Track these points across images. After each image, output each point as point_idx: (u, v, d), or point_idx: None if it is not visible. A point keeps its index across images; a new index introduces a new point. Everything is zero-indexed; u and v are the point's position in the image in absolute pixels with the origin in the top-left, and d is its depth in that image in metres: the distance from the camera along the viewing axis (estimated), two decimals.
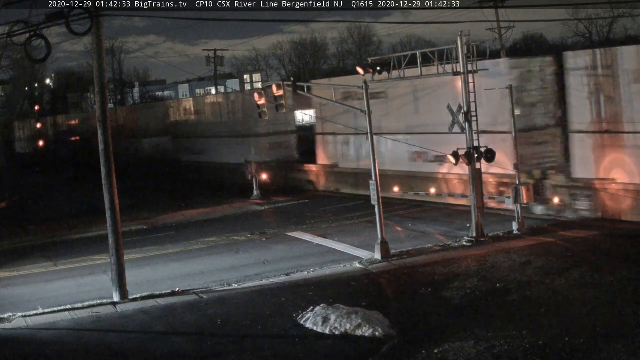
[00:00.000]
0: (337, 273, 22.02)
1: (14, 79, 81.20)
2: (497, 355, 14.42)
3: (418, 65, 25.74)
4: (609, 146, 26.21)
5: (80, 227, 33.19)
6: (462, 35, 24.19)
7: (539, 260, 21.13)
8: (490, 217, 26.53)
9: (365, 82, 24.19)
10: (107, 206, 20.61)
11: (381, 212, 23.46)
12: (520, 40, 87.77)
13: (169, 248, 27.80)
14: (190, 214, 35.20)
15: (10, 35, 19.11)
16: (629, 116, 25.46)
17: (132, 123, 64.10)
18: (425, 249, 24.14)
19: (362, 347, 15.55)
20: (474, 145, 24.40)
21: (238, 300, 19.59)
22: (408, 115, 33.62)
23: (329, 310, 17.23)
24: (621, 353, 13.99)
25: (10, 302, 21.00)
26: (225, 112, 48.62)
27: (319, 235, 27.98)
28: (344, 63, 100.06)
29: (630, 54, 25.90)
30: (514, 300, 17.96)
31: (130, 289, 20.68)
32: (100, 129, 20.48)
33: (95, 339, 17.34)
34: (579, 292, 18.05)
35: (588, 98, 26.74)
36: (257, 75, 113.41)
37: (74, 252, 28.21)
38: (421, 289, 19.55)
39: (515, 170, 25.71)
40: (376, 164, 23.71)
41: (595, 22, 76.86)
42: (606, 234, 24.00)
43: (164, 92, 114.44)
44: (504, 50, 52.79)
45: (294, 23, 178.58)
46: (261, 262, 24.40)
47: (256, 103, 27.45)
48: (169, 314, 18.82)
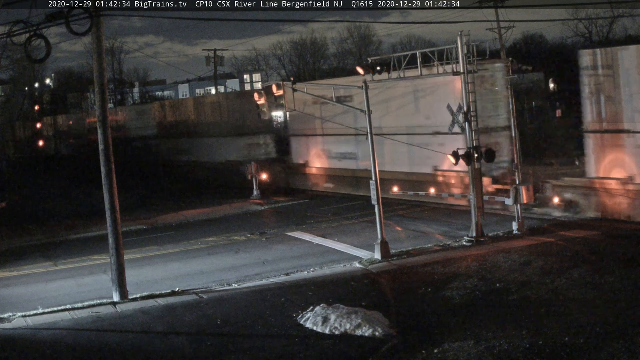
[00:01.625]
0: (337, 273, 22.02)
1: (14, 79, 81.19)
2: (497, 355, 14.42)
3: (418, 65, 25.76)
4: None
5: (80, 227, 33.20)
6: (462, 35, 24.20)
7: (539, 260, 21.12)
8: (490, 217, 26.55)
9: (365, 82, 24.20)
10: (107, 206, 20.61)
11: (381, 212, 23.47)
12: (520, 40, 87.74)
13: (169, 248, 27.81)
14: (190, 214, 35.21)
15: (10, 35, 19.08)
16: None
17: (130, 123, 65.11)
18: (425, 249, 24.15)
19: (362, 347, 15.55)
20: (474, 145, 24.41)
21: (238, 300, 19.59)
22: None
23: (329, 310, 17.24)
24: (621, 353, 13.99)
25: (10, 302, 21.00)
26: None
27: (319, 235, 27.99)
28: (344, 63, 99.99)
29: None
30: (514, 300, 17.95)
31: (130, 289, 20.68)
32: (100, 129, 20.48)
33: (95, 339, 17.34)
34: (579, 292, 18.05)
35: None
36: (257, 75, 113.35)
37: (74, 252, 28.22)
38: (421, 288, 19.55)
39: (515, 170, 25.74)
40: (376, 164, 23.71)
41: (595, 22, 76.87)
42: (607, 234, 24.03)
43: (164, 92, 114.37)
44: (504, 50, 52.76)
45: (293, 23, 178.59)
46: (261, 262, 24.40)
47: (256, 103, 27.57)
48: (168, 314, 18.82)
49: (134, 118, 62.92)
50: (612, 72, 26.07)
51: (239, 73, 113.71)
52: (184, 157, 52.86)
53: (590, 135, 27.06)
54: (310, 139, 40.93)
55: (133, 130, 61.90)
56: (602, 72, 26.35)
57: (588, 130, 27.17)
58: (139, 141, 60.45)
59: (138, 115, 62.46)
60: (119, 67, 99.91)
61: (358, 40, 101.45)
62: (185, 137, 52.37)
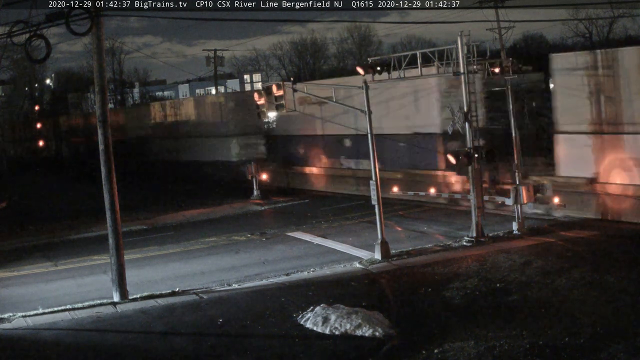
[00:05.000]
0: (337, 273, 22.03)
1: (14, 79, 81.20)
2: (497, 355, 14.42)
3: (418, 65, 25.76)
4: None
5: (80, 227, 33.19)
6: (462, 35, 24.20)
7: (539, 260, 21.13)
8: (490, 217, 26.55)
9: (365, 82, 24.19)
10: (107, 206, 20.61)
11: (381, 212, 23.47)
12: (521, 40, 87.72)
13: (169, 248, 27.81)
14: (190, 213, 35.21)
15: (10, 35, 19.09)
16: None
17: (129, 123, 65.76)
18: (425, 249, 24.15)
19: (362, 347, 15.55)
20: (473, 145, 24.41)
21: (238, 300, 19.59)
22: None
23: (329, 310, 17.24)
24: (621, 353, 13.99)
25: (10, 302, 21.00)
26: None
27: (319, 235, 27.99)
28: (344, 63, 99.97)
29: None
30: (514, 300, 17.95)
31: (130, 289, 20.68)
32: (100, 129, 20.48)
33: (95, 339, 17.33)
34: (579, 292, 18.06)
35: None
36: (257, 75, 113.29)
37: (74, 252, 28.20)
38: (421, 289, 19.55)
39: (515, 171, 25.74)
40: (376, 164, 23.71)
41: (595, 22, 76.85)
42: (607, 234, 24.03)
43: (164, 92, 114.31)
44: (504, 50, 52.70)
45: (293, 23, 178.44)
46: (261, 262, 24.40)
47: (256, 103, 27.51)
48: (168, 314, 18.82)
49: (134, 118, 63.47)
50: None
51: (239, 73, 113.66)
52: (182, 157, 53.21)
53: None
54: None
55: (132, 130, 62.33)
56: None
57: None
58: (138, 141, 60.83)
59: (137, 115, 62.98)
60: (119, 67, 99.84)
61: (358, 40, 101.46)
62: (184, 137, 52.76)
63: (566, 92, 27.36)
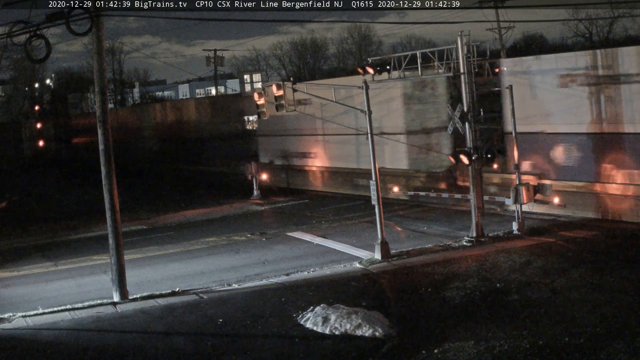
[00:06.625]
0: (337, 273, 22.03)
1: (14, 79, 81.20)
2: (497, 355, 14.43)
3: (418, 65, 25.77)
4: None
5: (80, 227, 33.19)
6: (462, 35, 24.20)
7: (539, 260, 21.14)
8: (490, 217, 26.55)
9: (365, 82, 24.19)
10: (107, 206, 20.61)
11: (381, 212, 23.47)
12: (521, 40, 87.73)
13: (169, 248, 27.80)
14: (190, 214, 35.21)
15: (10, 35, 19.09)
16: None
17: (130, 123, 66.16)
18: (425, 249, 24.15)
19: (362, 347, 15.55)
20: (473, 145, 24.41)
21: (238, 300, 19.59)
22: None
23: (329, 310, 17.24)
24: (621, 353, 14.00)
25: (10, 302, 21.00)
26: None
27: (319, 235, 27.99)
28: (344, 63, 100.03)
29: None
30: (514, 300, 17.96)
31: (130, 289, 20.68)
32: (100, 129, 20.48)
33: (95, 339, 17.33)
34: (578, 292, 18.06)
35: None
36: (257, 75, 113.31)
37: (74, 252, 28.20)
38: (421, 288, 19.56)
39: (515, 171, 25.73)
40: (376, 164, 23.71)
41: (595, 22, 76.85)
42: (607, 234, 24.03)
43: (164, 92, 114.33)
44: (504, 50, 52.79)
45: (292, 23, 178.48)
46: (261, 262, 24.40)
47: (255, 103, 27.56)
48: (168, 314, 18.82)
49: (133, 118, 63.91)
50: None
51: (239, 73, 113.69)
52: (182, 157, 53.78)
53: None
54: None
55: (132, 130, 62.69)
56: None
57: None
58: (137, 141, 61.31)
59: (137, 115, 63.47)
60: (119, 67, 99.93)
61: (358, 40, 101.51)
62: (183, 137, 53.24)
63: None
